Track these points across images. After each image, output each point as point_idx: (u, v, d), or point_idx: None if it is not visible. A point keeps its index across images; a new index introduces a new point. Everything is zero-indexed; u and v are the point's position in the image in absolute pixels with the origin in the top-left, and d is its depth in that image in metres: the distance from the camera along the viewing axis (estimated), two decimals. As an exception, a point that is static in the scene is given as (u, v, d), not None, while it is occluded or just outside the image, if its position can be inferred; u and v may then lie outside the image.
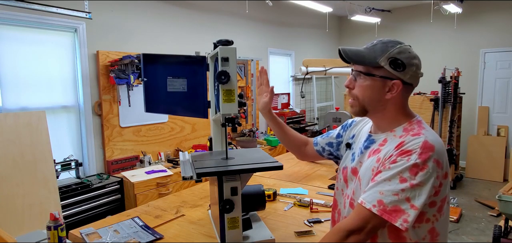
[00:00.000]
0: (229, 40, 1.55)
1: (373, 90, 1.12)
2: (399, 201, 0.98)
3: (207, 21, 4.82)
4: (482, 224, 4.22)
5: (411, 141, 1.03)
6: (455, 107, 5.38)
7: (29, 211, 2.60)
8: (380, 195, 1.00)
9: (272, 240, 1.53)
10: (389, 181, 1.00)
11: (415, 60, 1.11)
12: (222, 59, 1.46)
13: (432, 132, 1.07)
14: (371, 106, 1.14)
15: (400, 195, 0.98)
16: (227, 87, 1.47)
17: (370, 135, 1.20)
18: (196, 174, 1.37)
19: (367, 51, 1.13)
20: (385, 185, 1.00)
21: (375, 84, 1.11)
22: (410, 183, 0.98)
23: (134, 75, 3.64)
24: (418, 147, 1.00)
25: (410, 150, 1.01)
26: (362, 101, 1.15)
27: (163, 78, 1.75)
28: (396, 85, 1.09)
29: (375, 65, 1.10)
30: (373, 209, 1.00)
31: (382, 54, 1.09)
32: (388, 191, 0.99)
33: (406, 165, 0.99)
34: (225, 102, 1.48)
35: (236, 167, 1.45)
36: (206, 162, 1.54)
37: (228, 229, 1.45)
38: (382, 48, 1.10)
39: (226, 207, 1.42)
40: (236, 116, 1.56)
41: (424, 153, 0.99)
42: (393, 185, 0.99)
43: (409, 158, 1.00)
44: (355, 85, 1.16)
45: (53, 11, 3.04)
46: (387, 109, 1.13)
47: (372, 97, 1.13)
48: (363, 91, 1.14)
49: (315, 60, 6.50)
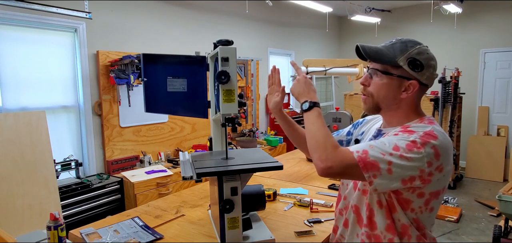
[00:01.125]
0: (229, 40, 1.55)
1: (389, 88, 1.13)
2: (381, 160, 1.00)
3: (207, 21, 4.82)
4: (482, 224, 4.22)
5: (417, 125, 1.07)
6: (455, 107, 5.38)
7: (29, 211, 2.60)
8: (369, 147, 1.02)
9: (272, 240, 1.53)
10: (383, 143, 1.03)
11: (433, 62, 1.12)
12: (222, 59, 1.46)
13: (442, 130, 1.09)
14: (385, 104, 1.15)
15: (386, 156, 1.00)
16: (227, 87, 1.47)
17: (380, 131, 1.22)
18: (196, 174, 1.37)
19: (386, 50, 1.13)
20: (378, 144, 1.03)
21: (392, 83, 1.12)
22: (400, 153, 1.00)
23: (134, 75, 3.64)
24: (422, 131, 1.04)
25: (413, 130, 1.05)
26: (376, 99, 1.16)
27: (163, 78, 1.75)
28: (412, 85, 1.10)
29: (394, 64, 1.11)
30: (355, 154, 1.02)
31: (401, 53, 1.10)
32: (377, 148, 1.02)
33: (405, 138, 1.02)
34: (225, 102, 1.48)
35: (236, 167, 1.45)
36: (206, 162, 1.54)
37: (228, 229, 1.45)
38: (402, 48, 1.11)
39: (226, 207, 1.42)
40: (236, 116, 1.56)
41: (426, 136, 1.02)
42: (385, 147, 1.01)
43: (410, 135, 1.03)
44: (370, 83, 1.16)
45: (53, 11, 3.04)
46: (400, 108, 1.15)
47: (387, 95, 1.14)
48: (379, 89, 1.14)
49: (315, 60, 6.49)
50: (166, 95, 1.76)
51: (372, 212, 1.14)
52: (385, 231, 1.11)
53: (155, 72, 1.74)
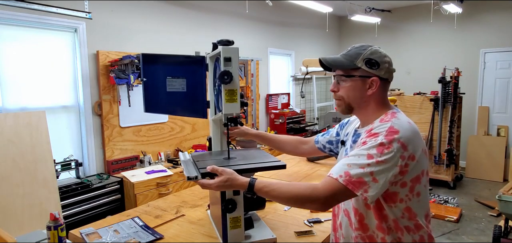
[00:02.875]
0: (229, 40, 1.55)
1: (355, 89, 1.24)
2: (364, 174, 1.08)
3: (207, 21, 4.82)
4: (482, 224, 4.22)
5: (379, 126, 1.15)
6: (455, 107, 5.38)
7: (29, 211, 2.60)
8: (348, 167, 1.11)
9: (273, 239, 1.54)
10: (357, 157, 1.11)
11: (386, 58, 1.23)
12: (225, 59, 1.46)
13: (402, 120, 1.16)
14: (356, 103, 1.26)
15: (366, 169, 1.08)
16: (230, 87, 1.48)
17: (356, 131, 1.32)
18: (201, 174, 1.37)
19: (344, 57, 1.26)
20: (353, 160, 1.11)
21: (356, 83, 1.24)
22: (376, 160, 1.08)
23: (134, 75, 3.64)
24: (384, 130, 1.12)
25: (377, 132, 1.13)
26: (347, 100, 1.27)
27: (163, 78, 1.75)
28: (375, 81, 1.22)
29: (353, 67, 1.23)
30: (339, 179, 1.10)
31: (357, 57, 1.23)
32: (355, 165, 1.10)
33: (373, 144, 1.10)
34: (228, 102, 1.49)
35: (240, 166, 1.45)
36: (208, 162, 1.54)
37: (231, 228, 1.45)
38: (357, 52, 1.23)
39: (229, 206, 1.42)
40: (237, 115, 1.56)
41: (389, 135, 1.10)
42: (361, 160, 1.10)
43: (376, 138, 1.11)
44: (339, 88, 1.29)
45: (53, 11, 3.04)
46: (370, 105, 1.25)
47: (355, 95, 1.25)
48: (347, 91, 1.26)
49: (315, 60, 6.50)
50: (165, 95, 1.76)
51: (361, 215, 1.21)
52: (377, 230, 1.18)
53: (155, 72, 1.75)
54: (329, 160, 2.95)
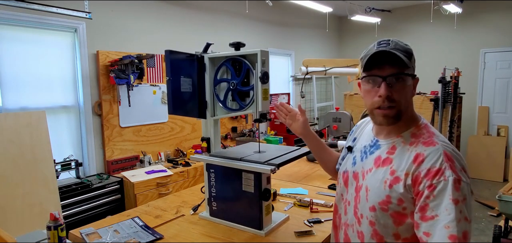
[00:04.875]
0: (240, 42, 1.66)
1: (409, 90, 1.08)
2: (463, 224, 0.94)
3: (207, 21, 4.82)
4: (482, 224, 4.22)
5: (430, 154, 1.00)
6: (455, 107, 5.37)
7: (29, 211, 2.60)
8: (447, 229, 0.93)
9: (287, 218, 1.78)
10: (446, 210, 0.94)
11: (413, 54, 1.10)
12: (262, 61, 1.57)
13: (441, 136, 1.06)
14: (406, 107, 1.09)
15: (461, 218, 0.94)
16: (266, 86, 1.60)
17: (377, 140, 1.15)
18: (276, 165, 1.49)
19: (400, 52, 1.05)
20: (445, 217, 0.94)
21: (408, 84, 1.08)
22: (461, 200, 0.94)
23: (134, 75, 3.64)
24: (443, 161, 0.98)
25: (439, 168, 0.97)
26: (403, 105, 1.07)
27: (178, 77, 1.70)
28: (416, 82, 1.09)
29: (410, 66, 1.06)
30: None
31: (411, 53, 1.07)
32: (451, 221, 0.93)
33: (448, 185, 0.95)
34: (264, 100, 1.61)
35: (287, 156, 1.63)
36: (255, 156, 1.66)
37: (265, 215, 1.64)
38: (405, 48, 1.07)
39: (266, 195, 1.61)
40: (267, 112, 1.66)
41: (452, 165, 0.97)
42: (452, 213, 0.93)
43: (444, 176, 0.96)
44: (391, 91, 1.06)
45: (53, 11, 3.04)
46: (409, 110, 1.10)
47: (408, 98, 1.09)
48: (406, 94, 1.07)
49: (315, 60, 6.50)
50: (181, 95, 1.73)
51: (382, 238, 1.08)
52: None
53: (176, 70, 1.69)
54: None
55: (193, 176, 3.84)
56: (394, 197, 1.03)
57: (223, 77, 1.78)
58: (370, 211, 1.09)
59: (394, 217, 1.04)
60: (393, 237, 1.05)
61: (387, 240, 1.07)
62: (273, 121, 5.85)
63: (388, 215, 1.05)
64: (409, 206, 1.01)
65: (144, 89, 3.96)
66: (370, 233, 1.09)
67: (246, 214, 1.66)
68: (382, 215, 1.06)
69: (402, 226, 1.04)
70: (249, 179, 1.63)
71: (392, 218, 1.05)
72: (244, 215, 1.67)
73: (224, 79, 1.76)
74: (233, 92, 1.71)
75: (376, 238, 1.08)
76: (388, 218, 1.05)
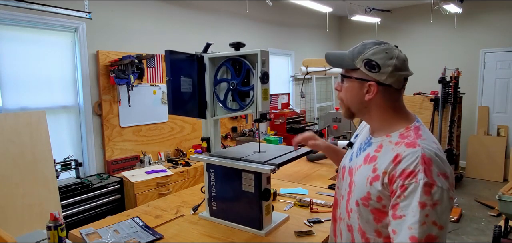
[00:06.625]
0: (240, 42, 1.65)
1: (352, 92, 1.14)
2: (428, 228, 0.94)
3: (207, 21, 4.82)
4: (482, 224, 4.22)
5: (408, 155, 1.00)
6: (455, 107, 5.38)
7: (29, 211, 2.60)
8: (410, 230, 0.95)
9: (287, 218, 1.79)
10: (412, 212, 0.95)
11: (392, 61, 1.06)
12: (262, 61, 1.57)
13: (429, 140, 1.05)
14: (355, 107, 1.17)
15: (426, 222, 0.94)
16: (266, 86, 1.61)
17: (370, 138, 1.18)
18: (277, 165, 1.49)
19: (348, 54, 1.14)
20: (411, 218, 0.95)
21: (353, 85, 1.13)
22: (430, 204, 0.94)
23: (134, 75, 3.64)
24: (419, 164, 0.97)
25: (413, 170, 0.98)
26: (346, 103, 1.18)
27: (178, 77, 1.70)
28: (372, 86, 1.09)
29: (352, 67, 1.12)
30: None
31: (358, 55, 1.10)
32: (415, 223, 0.94)
33: (418, 188, 0.95)
34: (264, 100, 1.62)
35: (286, 156, 1.63)
36: (255, 156, 1.67)
37: (265, 215, 1.64)
38: (360, 50, 1.11)
39: (266, 195, 1.61)
40: (267, 112, 1.67)
41: (427, 169, 0.96)
42: (417, 216, 0.94)
43: (416, 178, 0.96)
44: (342, 88, 1.19)
45: (53, 11, 3.04)
46: (371, 112, 1.14)
47: (352, 99, 1.15)
48: (345, 93, 1.17)
49: (315, 60, 6.51)
50: (181, 95, 1.73)
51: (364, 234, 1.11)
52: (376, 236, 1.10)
53: (176, 70, 1.69)
54: (329, 160, 2.94)
55: (193, 176, 3.84)
56: (374, 194, 1.06)
57: (223, 77, 1.78)
58: (355, 206, 1.13)
59: (374, 213, 1.07)
60: (375, 233, 1.09)
61: (369, 236, 1.10)
62: (273, 121, 5.85)
63: (369, 211, 1.08)
64: (387, 204, 1.04)
65: (144, 89, 3.96)
66: (357, 228, 1.14)
67: (246, 214, 1.66)
68: (364, 210, 1.09)
69: (382, 224, 1.07)
70: (249, 179, 1.63)
71: (372, 215, 1.08)
72: (244, 215, 1.67)
73: (224, 79, 1.77)
74: (233, 92, 1.71)
75: (360, 233, 1.12)
76: (369, 214, 1.08)
